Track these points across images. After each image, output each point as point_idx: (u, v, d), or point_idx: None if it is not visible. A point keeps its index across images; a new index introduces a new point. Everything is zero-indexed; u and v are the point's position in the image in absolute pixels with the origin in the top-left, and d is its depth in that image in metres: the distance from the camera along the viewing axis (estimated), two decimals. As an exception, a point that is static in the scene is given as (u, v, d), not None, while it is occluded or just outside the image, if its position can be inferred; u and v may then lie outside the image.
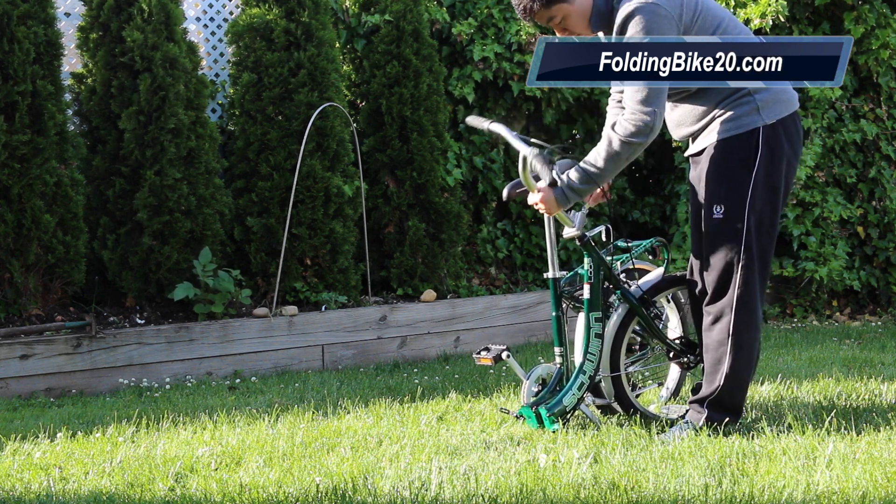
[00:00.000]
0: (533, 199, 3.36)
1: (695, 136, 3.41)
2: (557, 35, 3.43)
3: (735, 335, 3.29)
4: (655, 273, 3.65)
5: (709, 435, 3.27)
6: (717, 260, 3.31)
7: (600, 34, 3.43)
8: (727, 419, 3.35)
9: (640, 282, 3.61)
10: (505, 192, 3.52)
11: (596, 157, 3.27)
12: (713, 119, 3.32)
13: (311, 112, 5.41)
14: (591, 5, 3.30)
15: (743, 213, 3.26)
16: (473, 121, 3.64)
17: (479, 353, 3.53)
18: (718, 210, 3.29)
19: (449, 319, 5.69)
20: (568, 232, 3.48)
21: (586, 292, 3.47)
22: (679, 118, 3.44)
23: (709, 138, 3.34)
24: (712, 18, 3.27)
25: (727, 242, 3.28)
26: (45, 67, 4.94)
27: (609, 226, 3.58)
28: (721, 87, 3.28)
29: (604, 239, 3.55)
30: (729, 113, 3.29)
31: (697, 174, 3.41)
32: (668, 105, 3.46)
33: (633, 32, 3.19)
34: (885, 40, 6.54)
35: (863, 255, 6.73)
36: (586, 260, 3.48)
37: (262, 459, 3.16)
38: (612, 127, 3.26)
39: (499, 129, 3.50)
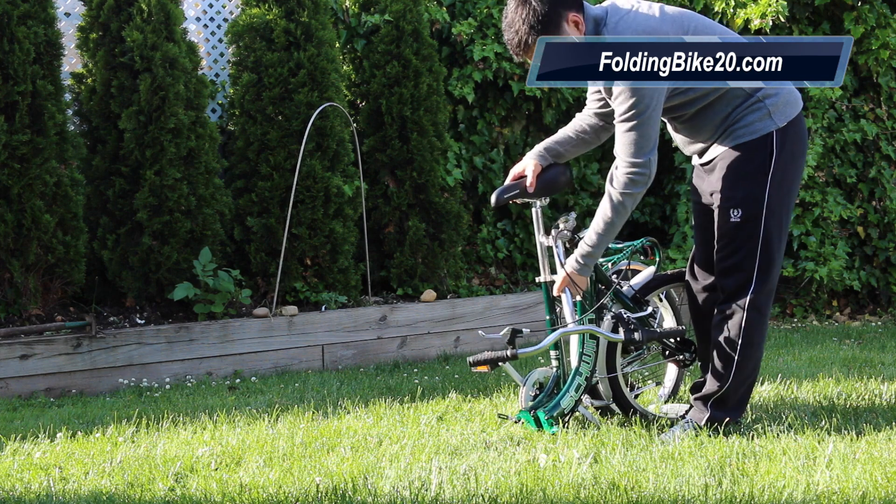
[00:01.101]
0: (559, 287, 3.44)
1: (707, 147, 3.41)
2: None
3: (746, 334, 3.31)
4: (647, 272, 3.65)
5: (709, 435, 3.27)
6: (736, 262, 3.32)
7: None
8: (729, 418, 3.36)
9: (632, 282, 3.61)
10: (493, 199, 3.50)
11: (602, 214, 3.31)
12: (726, 129, 3.33)
13: (311, 112, 5.41)
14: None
15: (760, 216, 3.28)
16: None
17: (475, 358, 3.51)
18: (736, 214, 3.30)
19: (449, 319, 5.69)
20: (555, 230, 3.49)
21: (554, 290, 3.48)
22: (690, 135, 3.43)
23: (722, 146, 3.35)
24: (702, 36, 3.28)
25: (745, 245, 3.29)
26: (45, 67, 4.94)
27: None
28: (731, 98, 3.29)
29: None
30: (741, 120, 3.30)
31: (709, 181, 3.41)
32: (678, 124, 3.46)
33: (620, 90, 3.20)
34: (885, 40, 6.54)
35: (863, 255, 6.73)
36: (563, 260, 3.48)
37: (262, 459, 3.16)
38: (611, 182, 3.29)
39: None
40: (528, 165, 3.55)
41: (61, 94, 5.03)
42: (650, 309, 3.64)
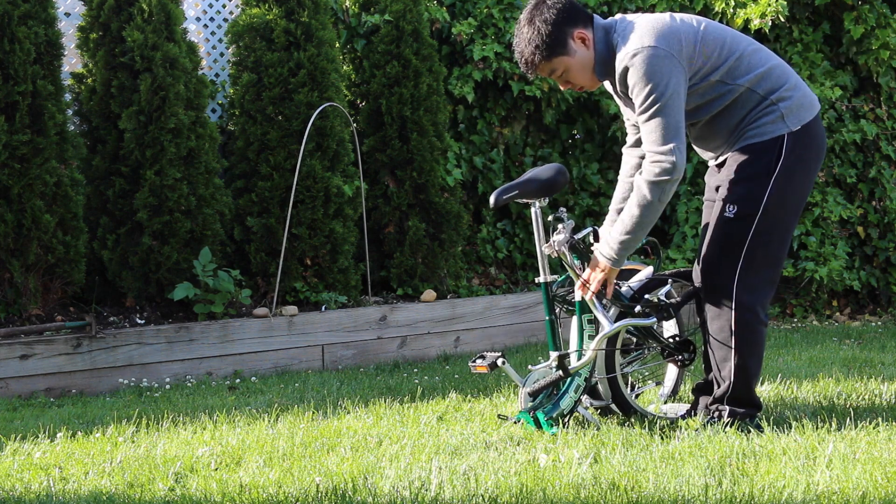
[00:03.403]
0: (596, 286, 3.38)
1: (721, 152, 3.42)
2: (561, 87, 3.46)
3: (740, 333, 3.30)
4: (645, 272, 3.63)
5: (709, 435, 3.27)
6: (720, 257, 3.33)
7: (607, 83, 3.44)
8: (749, 413, 3.38)
9: (630, 282, 3.60)
10: (492, 200, 3.43)
11: (629, 208, 3.28)
12: (740, 132, 3.34)
13: (311, 112, 5.41)
14: (593, 56, 3.31)
15: (755, 216, 3.27)
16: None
17: (474, 361, 3.49)
18: (731, 209, 3.31)
19: (449, 319, 5.69)
20: (556, 236, 3.46)
21: (577, 295, 3.46)
22: (706, 139, 3.44)
23: (734, 147, 3.36)
24: (713, 41, 3.29)
25: (732, 241, 3.30)
26: (46, 67, 4.94)
27: (597, 228, 3.58)
28: (745, 102, 3.31)
29: (592, 241, 3.54)
30: (753, 123, 3.31)
31: (718, 177, 3.42)
32: (694, 130, 3.46)
33: (636, 81, 3.21)
34: (885, 40, 6.54)
35: (863, 255, 6.73)
36: (576, 263, 3.47)
37: (262, 459, 3.16)
38: (640, 173, 3.27)
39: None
40: (604, 229, 3.60)
41: (61, 94, 5.03)
42: (667, 286, 3.61)
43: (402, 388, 4.45)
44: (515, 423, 3.53)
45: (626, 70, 3.23)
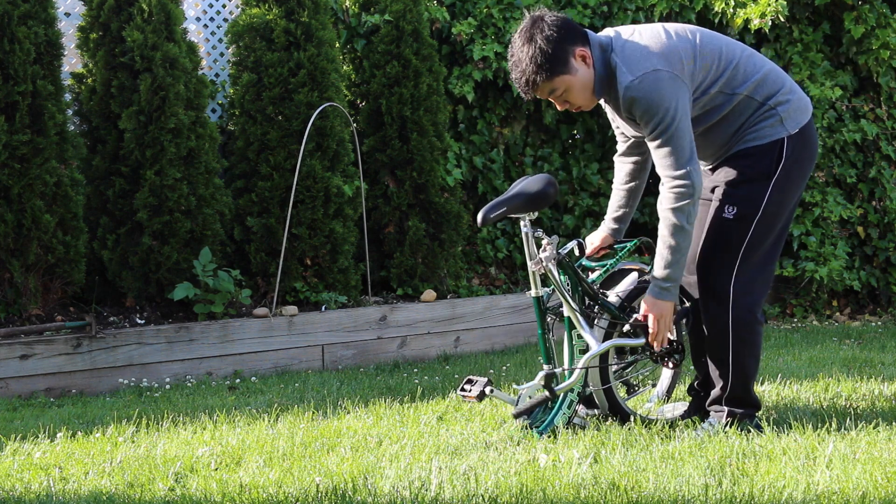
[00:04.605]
0: (654, 327, 3.33)
1: (718, 157, 3.41)
2: (558, 107, 3.41)
3: (737, 332, 3.30)
4: (630, 279, 3.60)
5: (709, 435, 3.27)
6: (717, 258, 3.32)
7: (602, 101, 3.42)
8: (748, 413, 3.37)
9: (617, 289, 3.57)
10: (480, 219, 3.35)
11: (662, 239, 3.26)
12: (738, 136, 3.33)
13: (311, 112, 5.41)
14: (593, 74, 3.27)
15: (754, 217, 3.27)
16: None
17: (462, 388, 3.41)
18: (731, 210, 3.30)
19: (449, 319, 5.69)
20: (542, 254, 3.42)
21: (566, 310, 3.44)
22: (703, 147, 3.41)
23: (731, 151, 3.35)
24: (710, 53, 3.28)
25: (730, 242, 3.30)
26: (46, 67, 4.94)
27: (581, 241, 3.56)
28: (743, 109, 3.30)
29: (577, 254, 3.52)
30: (753, 127, 3.30)
31: (712, 179, 3.40)
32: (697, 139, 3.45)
33: (644, 110, 3.17)
34: (885, 40, 6.54)
35: (863, 255, 6.74)
36: (563, 278, 3.43)
37: (262, 459, 3.16)
38: (660, 204, 3.25)
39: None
40: (598, 236, 3.64)
41: (61, 94, 5.04)
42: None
43: (402, 388, 4.45)
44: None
45: (632, 98, 3.18)
